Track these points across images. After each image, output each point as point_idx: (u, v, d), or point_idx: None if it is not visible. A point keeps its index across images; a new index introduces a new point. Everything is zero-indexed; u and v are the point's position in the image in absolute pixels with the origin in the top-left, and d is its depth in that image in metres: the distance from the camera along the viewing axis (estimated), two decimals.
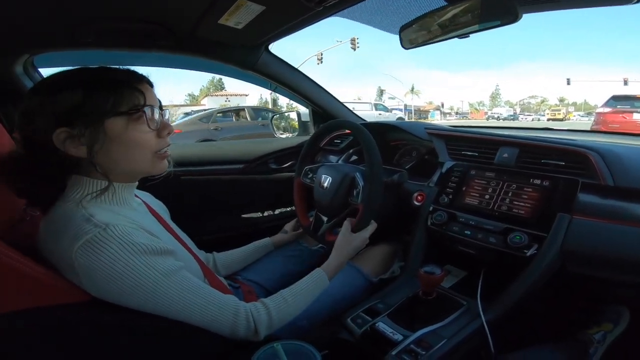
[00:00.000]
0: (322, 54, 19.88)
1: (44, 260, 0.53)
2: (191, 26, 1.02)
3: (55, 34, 0.99)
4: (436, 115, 38.97)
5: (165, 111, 0.65)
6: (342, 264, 0.83)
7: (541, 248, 0.75)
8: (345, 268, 0.87)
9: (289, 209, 1.62)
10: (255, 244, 1.03)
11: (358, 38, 17.86)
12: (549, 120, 29.78)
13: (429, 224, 0.95)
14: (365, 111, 13.51)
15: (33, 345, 0.49)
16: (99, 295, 0.52)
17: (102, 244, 0.50)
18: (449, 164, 1.03)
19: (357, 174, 0.95)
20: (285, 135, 1.80)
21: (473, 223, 0.87)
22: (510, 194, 0.86)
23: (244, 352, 0.53)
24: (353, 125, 0.97)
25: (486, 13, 0.81)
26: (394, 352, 0.68)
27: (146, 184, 0.69)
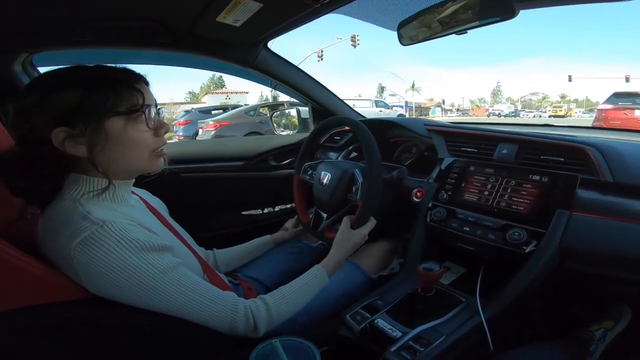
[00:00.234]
0: (323, 51, 19.85)
1: (44, 258, 0.53)
2: (189, 24, 1.02)
3: (54, 33, 1.00)
4: (437, 112, 38.87)
5: (161, 110, 0.65)
6: (342, 260, 0.83)
7: (540, 244, 0.75)
8: (345, 265, 0.87)
9: (288, 205, 1.63)
10: (256, 242, 1.03)
11: (358, 35, 17.86)
12: (550, 117, 29.68)
13: (428, 220, 0.95)
14: (365, 108, 13.45)
15: (33, 343, 0.49)
16: (98, 292, 0.53)
17: (100, 241, 0.50)
18: (448, 160, 1.03)
19: (357, 170, 0.95)
20: (286, 132, 1.80)
21: (472, 219, 0.87)
22: (509, 190, 0.86)
23: (244, 350, 0.53)
24: (352, 121, 0.97)
25: (484, 9, 0.81)
26: (392, 349, 0.68)
27: (142, 181, 0.69)
